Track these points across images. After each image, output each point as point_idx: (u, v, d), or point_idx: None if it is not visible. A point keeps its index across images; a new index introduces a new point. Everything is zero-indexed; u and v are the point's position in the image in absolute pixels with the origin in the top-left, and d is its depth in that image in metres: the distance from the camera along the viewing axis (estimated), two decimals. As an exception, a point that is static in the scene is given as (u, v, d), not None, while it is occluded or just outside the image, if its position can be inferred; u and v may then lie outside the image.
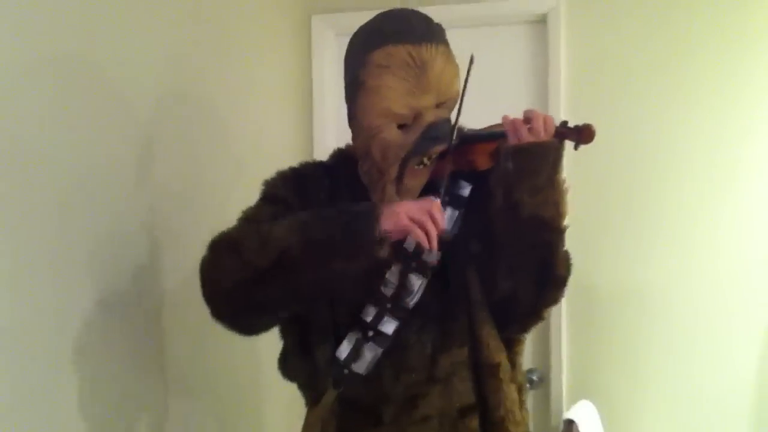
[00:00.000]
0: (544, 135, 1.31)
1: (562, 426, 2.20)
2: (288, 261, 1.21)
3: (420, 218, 1.22)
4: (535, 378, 2.56)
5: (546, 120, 1.32)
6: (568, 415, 2.21)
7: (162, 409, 1.72)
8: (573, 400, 2.44)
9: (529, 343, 2.53)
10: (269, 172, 1.47)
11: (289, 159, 1.54)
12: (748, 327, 2.38)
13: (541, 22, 2.56)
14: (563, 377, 2.51)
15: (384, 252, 1.22)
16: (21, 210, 1.28)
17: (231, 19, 2.16)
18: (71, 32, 1.44)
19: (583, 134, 1.33)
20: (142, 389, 1.65)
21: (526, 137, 1.30)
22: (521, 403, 1.45)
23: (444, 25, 2.59)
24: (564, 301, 2.48)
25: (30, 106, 1.31)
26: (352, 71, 1.37)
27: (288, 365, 1.47)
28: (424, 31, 1.34)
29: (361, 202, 1.31)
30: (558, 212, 1.32)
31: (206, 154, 1.95)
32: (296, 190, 1.42)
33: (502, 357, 1.38)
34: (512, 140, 1.31)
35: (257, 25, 2.35)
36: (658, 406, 2.45)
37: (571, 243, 2.44)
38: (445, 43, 1.38)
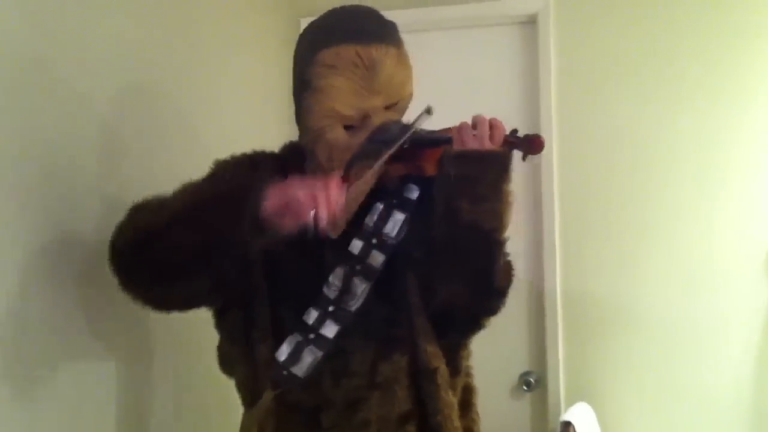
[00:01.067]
0: (490, 142, 1.26)
1: (559, 428, 2.19)
2: (176, 224, 1.21)
3: (308, 196, 1.15)
4: (532, 380, 2.55)
5: (494, 126, 1.26)
6: (565, 417, 2.20)
7: (150, 399, 1.71)
8: (570, 403, 2.43)
9: (525, 345, 2.57)
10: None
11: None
12: (744, 330, 2.37)
13: (531, 22, 2.56)
14: (560, 380, 2.50)
15: (267, 233, 1.18)
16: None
17: (220, 21, 2.14)
18: (51, 26, 1.42)
19: (532, 145, 1.27)
20: (131, 381, 1.65)
21: (471, 143, 1.26)
22: (470, 406, 1.43)
23: (433, 27, 2.63)
24: (559, 304, 2.50)
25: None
26: (300, 69, 1.34)
27: (226, 361, 1.43)
28: (374, 31, 1.29)
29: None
30: (499, 223, 1.26)
31: (190, 157, 1.92)
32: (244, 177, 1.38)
33: (440, 363, 1.34)
34: (456, 145, 1.27)
35: (246, 27, 2.33)
36: (654, 408, 2.44)
37: (566, 247, 2.47)
38: (398, 43, 1.33)
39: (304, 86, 1.32)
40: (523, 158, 1.29)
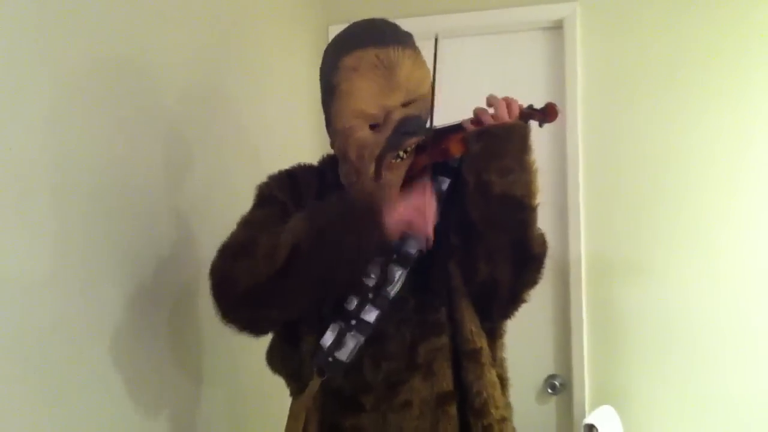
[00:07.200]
0: (508, 118, 1.37)
1: (582, 431, 2.20)
2: (301, 254, 1.26)
3: (415, 218, 1.31)
4: (557, 384, 2.56)
5: (510, 104, 1.38)
6: (589, 420, 2.21)
7: (193, 399, 1.75)
8: (595, 406, 2.44)
9: (550, 349, 2.59)
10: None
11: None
12: (771, 332, 2.36)
13: (558, 27, 2.57)
14: (585, 383, 2.51)
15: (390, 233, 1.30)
16: (54, 208, 1.31)
17: (252, 29, 2.20)
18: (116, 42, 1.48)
19: (547, 112, 1.42)
20: (176, 380, 1.70)
21: (490, 122, 1.37)
22: (503, 391, 1.49)
23: (460, 33, 2.67)
24: (585, 308, 2.51)
25: (63, 109, 1.34)
26: (326, 77, 1.44)
27: (275, 357, 1.52)
28: (391, 36, 1.41)
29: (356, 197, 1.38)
30: (528, 191, 1.34)
31: (226, 158, 2.00)
32: (289, 191, 1.49)
33: (483, 342, 1.42)
34: (477, 125, 1.38)
35: (277, 35, 2.39)
36: (678, 412, 2.44)
37: (592, 252, 2.48)
38: (413, 47, 1.44)
39: (331, 93, 1.42)
40: (540, 125, 1.44)
